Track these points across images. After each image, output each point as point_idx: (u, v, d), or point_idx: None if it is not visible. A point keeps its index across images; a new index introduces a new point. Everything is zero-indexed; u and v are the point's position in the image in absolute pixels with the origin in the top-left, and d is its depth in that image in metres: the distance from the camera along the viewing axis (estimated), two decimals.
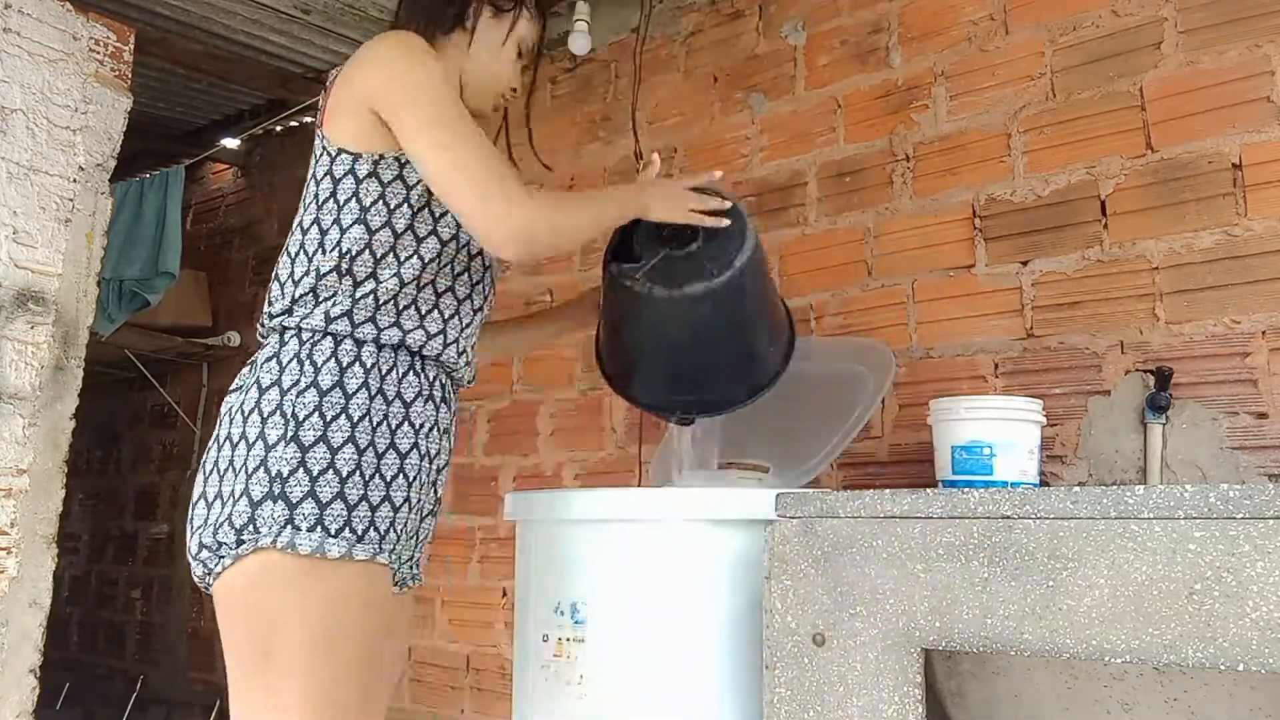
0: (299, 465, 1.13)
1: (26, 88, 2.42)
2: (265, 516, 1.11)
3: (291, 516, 1.11)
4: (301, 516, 1.12)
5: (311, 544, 1.11)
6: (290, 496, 1.12)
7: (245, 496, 1.13)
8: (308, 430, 1.15)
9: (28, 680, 2.28)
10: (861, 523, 1.21)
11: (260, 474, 1.13)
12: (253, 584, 1.13)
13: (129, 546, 4.22)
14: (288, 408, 1.16)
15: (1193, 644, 0.96)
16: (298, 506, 1.12)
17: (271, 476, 1.12)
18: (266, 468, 1.13)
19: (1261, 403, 1.73)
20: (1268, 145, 1.79)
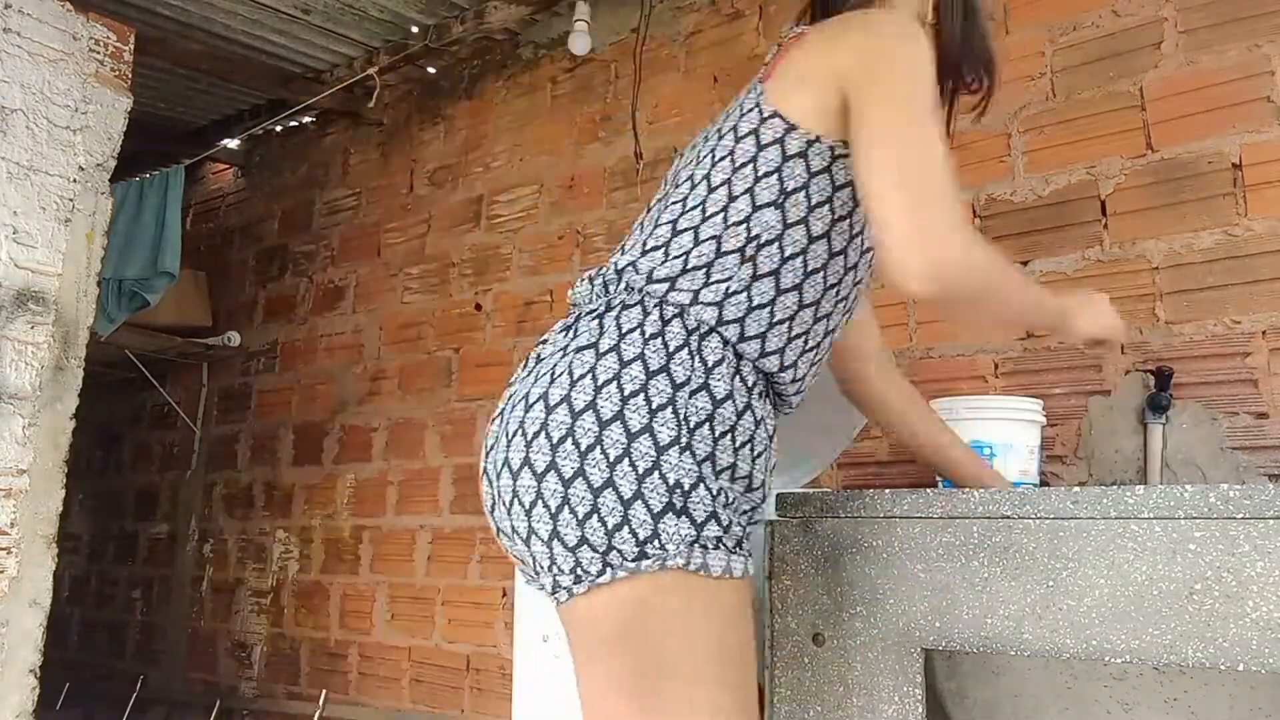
0: (698, 480, 0.98)
1: (26, 88, 2.42)
2: (670, 532, 0.96)
3: (698, 536, 0.97)
4: (708, 535, 0.98)
5: (719, 564, 0.98)
6: (694, 514, 0.97)
7: (641, 502, 0.96)
8: (700, 442, 0.99)
9: (28, 680, 2.28)
10: (861, 523, 1.21)
11: (655, 479, 0.96)
12: (645, 603, 0.97)
13: (129, 546, 4.22)
14: (681, 408, 0.99)
15: (1193, 644, 0.96)
16: (704, 526, 0.98)
17: (670, 486, 0.97)
18: (663, 474, 0.97)
19: (1261, 403, 1.73)
20: (1268, 145, 1.79)
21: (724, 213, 1.07)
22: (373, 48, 3.38)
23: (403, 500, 3.15)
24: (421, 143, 3.45)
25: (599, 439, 0.97)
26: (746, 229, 1.07)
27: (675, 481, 0.97)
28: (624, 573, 0.95)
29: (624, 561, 0.95)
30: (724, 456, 1.01)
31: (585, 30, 2.77)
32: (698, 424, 0.99)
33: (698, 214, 1.09)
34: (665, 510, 0.96)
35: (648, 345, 1.02)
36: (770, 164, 1.07)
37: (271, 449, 3.67)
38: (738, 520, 1.02)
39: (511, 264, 3.04)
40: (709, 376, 1.02)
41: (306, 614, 3.35)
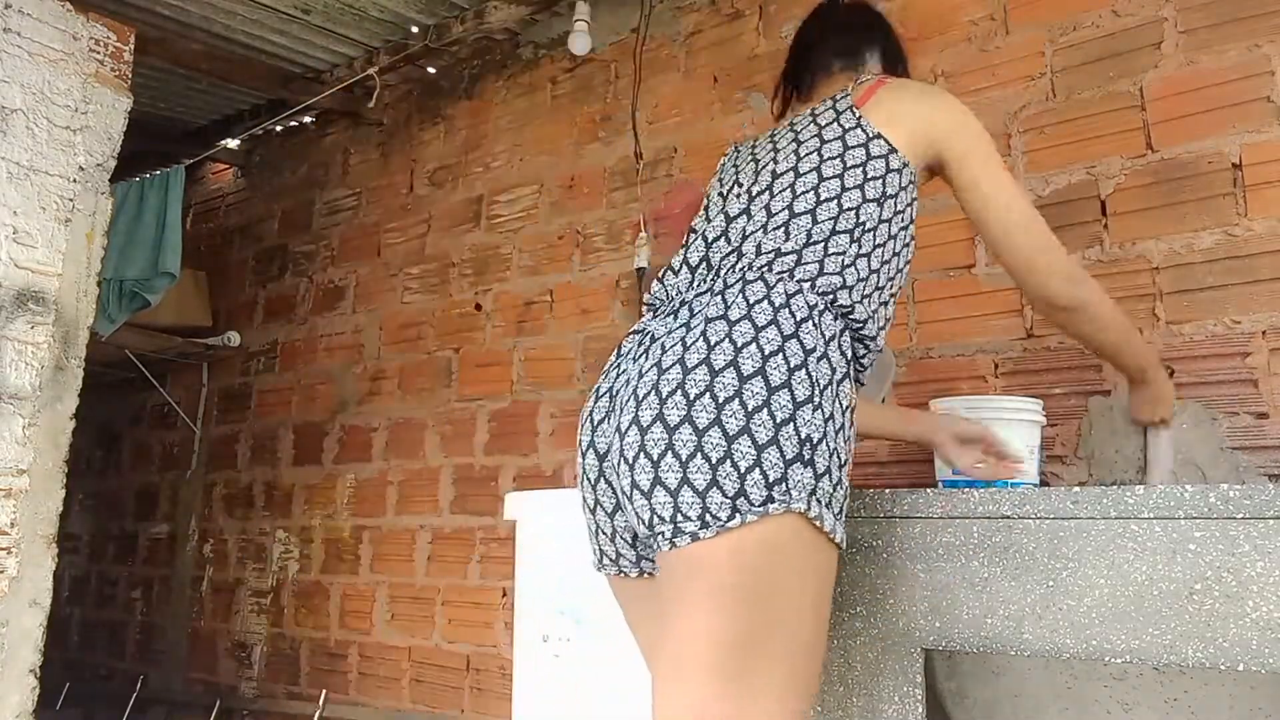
0: (823, 437, 1.06)
1: (26, 88, 2.42)
2: (797, 480, 1.02)
3: (816, 488, 1.04)
4: (823, 490, 1.04)
5: (829, 521, 1.05)
6: (817, 466, 1.04)
7: (776, 448, 1.02)
8: (826, 403, 1.08)
9: (28, 680, 2.28)
10: (861, 523, 1.21)
11: (790, 430, 1.03)
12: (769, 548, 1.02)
13: (129, 546, 4.22)
14: (812, 370, 1.08)
15: (1193, 644, 0.96)
16: (820, 479, 1.04)
17: (802, 438, 1.04)
18: (797, 427, 1.04)
19: (1261, 403, 1.73)
20: (1268, 145, 1.79)
21: (837, 199, 1.23)
22: (373, 48, 3.38)
23: (403, 500, 3.15)
24: (421, 143, 3.45)
25: (739, 392, 1.04)
26: (856, 215, 1.23)
27: (806, 435, 1.04)
28: (753, 516, 1.01)
29: (751, 507, 1.01)
30: (839, 417, 1.10)
31: (585, 30, 2.77)
32: (825, 386, 1.09)
33: (812, 197, 1.24)
34: (796, 459, 1.03)
35: (779, 313, 1.11)
36: (877, 170, 1.26)
37: (271, 449, 3.67)
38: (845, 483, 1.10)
39: (511, 264, 3.04)
40: (828, 347, 1.13)
41: (306, 614, 3.35)
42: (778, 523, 1.02)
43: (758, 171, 1.33)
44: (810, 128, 1.33)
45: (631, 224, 2.73)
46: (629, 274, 2.69)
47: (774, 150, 1.35)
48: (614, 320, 2.72)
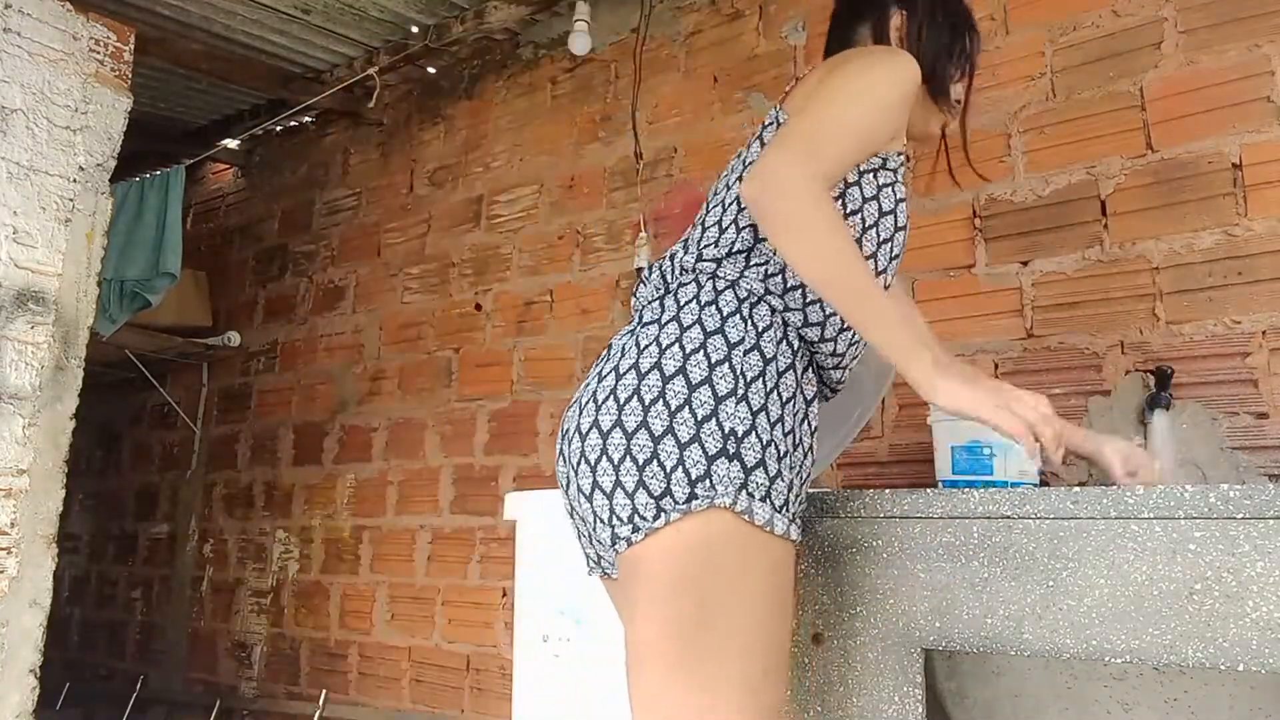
0: (751, 429, 1.05)
1: (26, 88, 2.42)
2: (720, 474, 1.02)
3: (746, 481, 1.03)
4: (755, 484, 1.04)
5: (764, 515, 1.04)
6: (745, 459, 1.04)
7: (698, 444, 1.03)
8: (755, 395, 1.07)
9: (28, 680, 2.28)
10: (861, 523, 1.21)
11: (713, 425, 1.04)
12: (696, 545, 1.03)
13: (129, 546, 4.22)
14: (737, 364, 1.08)
15: (1193, 644, 0.96)
16: (752, 472, 1.04)
17: (725, 432, 1.04)
18: (719, 421, 1.04)
19: (1261, 403, 1.73)
20: (1268, 145, 1.79)
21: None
22: (373, 48, 3.38)
23: (403, 500, 3.15)
24: (421, 143, 3.45)
25: (662, 392, 1.06)
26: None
27: (730, 429, 1.04)
28: (676, 514, 1.02)
29: (675, 505, 1.02)
30: (774, 409, 1.08)
31: (585, 30, 2.77)
32: (753, 378, 1.08)
33: (736, 207, 1.23)
34: (719, 454, 1.03)
35: (704, 310, 1.13)
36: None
37: (271, 449, 3.67)
38: (787, 475, 1.08)
39: (511, 264, 3.04)
40: (760, 338, 1.12)
41: (306, 614, 3.35)
42: (704, 519, 1.02)
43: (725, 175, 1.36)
44: (756, 133, 1.35)
45: (631, 224, 2.73)
46: (629, 274, 2.69)
47: (731, 163, 1.38)
48: (614, 320, 2.72)
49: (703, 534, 1.02)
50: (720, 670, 1.01)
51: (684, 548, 1.03)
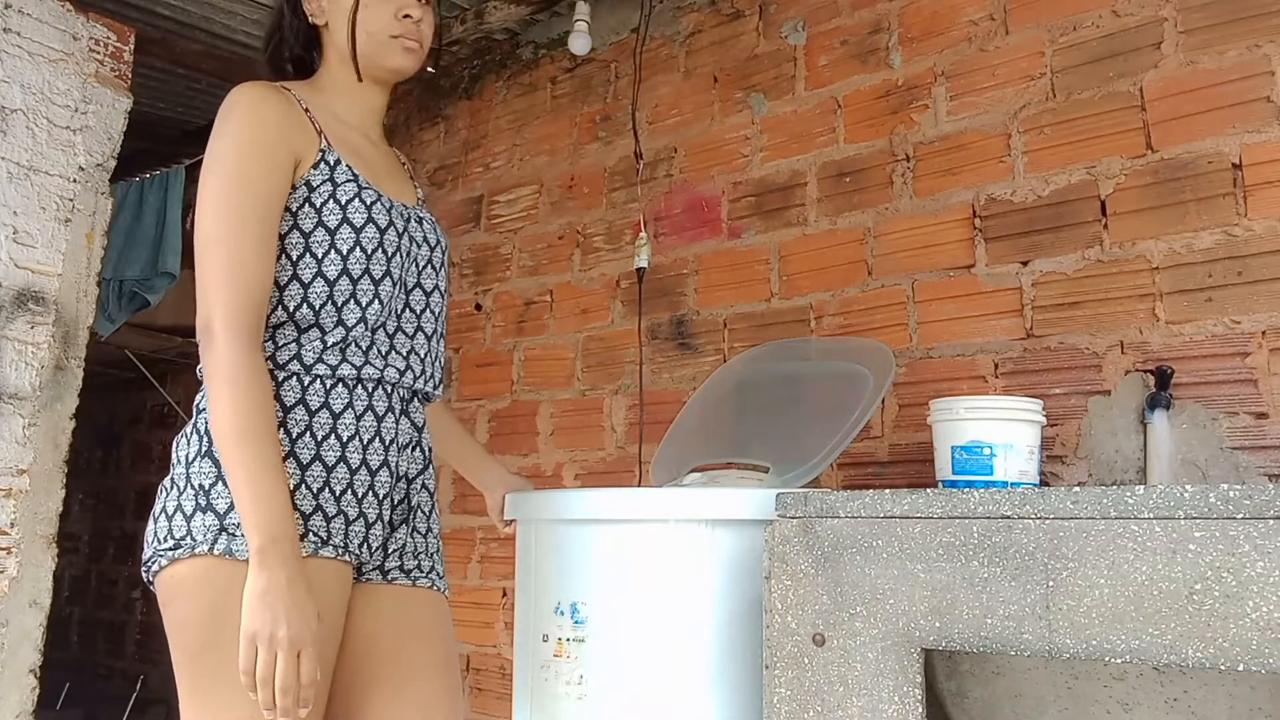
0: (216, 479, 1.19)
1: (26, 88, 2.42)
2: (197, 524, 1.17)
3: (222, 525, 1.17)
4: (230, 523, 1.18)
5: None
6: (216, 507, 1.18)
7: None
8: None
9: (28, 680, 2.28)
10: (861, 523, 1.21)
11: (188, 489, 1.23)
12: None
13: (129, 546, 4.22)
14: (201, 426, 1.25)
15: (1193, 644, 0.96)
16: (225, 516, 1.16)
17: (195, 489, 1.21)
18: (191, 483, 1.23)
19: (1261, 403, 1.73)
20: (1268, 145, 1.79)
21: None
22: None
23: None
24: (421, 143, 3.45)
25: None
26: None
27: (199, 485, 1.18)
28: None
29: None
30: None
31: (585, 30, 2.77)
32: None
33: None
34: (195, 510, 1.17)
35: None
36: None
37: None
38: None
39: (511, 264, 3.04)
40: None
41: None
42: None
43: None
44: None
45: (631, 224, 2.73)
46: (629, 274, 2.70)
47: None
48: (614, 320, 2.72)
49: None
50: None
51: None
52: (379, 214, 1.28)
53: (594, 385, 2.71)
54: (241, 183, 1.20)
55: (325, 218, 1.25)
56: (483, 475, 1.74)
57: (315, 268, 1.24)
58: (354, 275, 1.25)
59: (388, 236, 1.28)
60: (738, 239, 2.50)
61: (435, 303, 1.40)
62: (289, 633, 1.05)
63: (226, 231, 1.17)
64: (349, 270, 1.25)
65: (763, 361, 2.19)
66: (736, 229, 2.51)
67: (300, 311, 1.23)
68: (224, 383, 1.11)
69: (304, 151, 1.27)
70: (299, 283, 1.24)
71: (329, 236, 1.24)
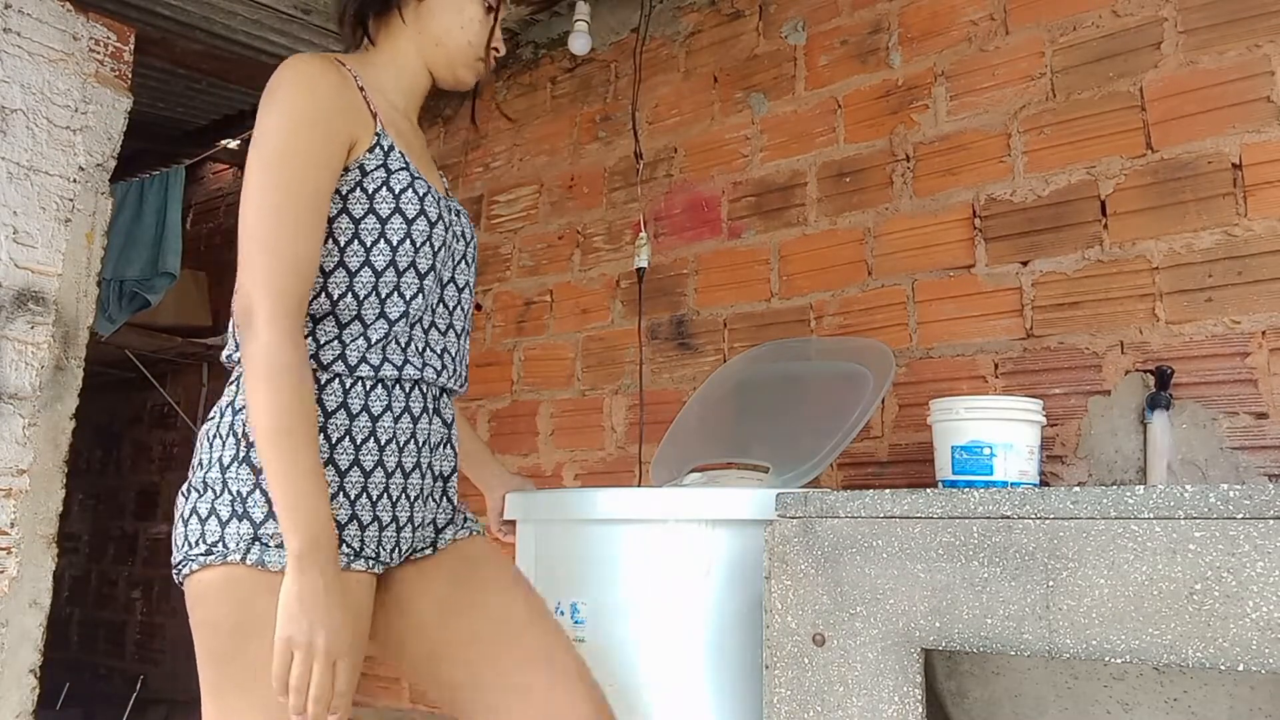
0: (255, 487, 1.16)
1: (26, 88, 2.42)
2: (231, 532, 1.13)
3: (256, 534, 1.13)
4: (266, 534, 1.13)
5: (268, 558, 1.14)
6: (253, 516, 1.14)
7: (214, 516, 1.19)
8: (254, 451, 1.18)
9: (28, 680, 2.28)
10: (861, 523, 1.21)
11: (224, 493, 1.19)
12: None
13: (129, 546, 4.22)
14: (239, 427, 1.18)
15: (1193, 644, 0.96)
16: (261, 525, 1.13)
17: (233, 495, 1.16)
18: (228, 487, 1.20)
19: (1261, 403, 1.73)
20: (1268, 145, 1.79)
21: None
22: None
23: None
24: None
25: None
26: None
27: (237, 491, 1.13)
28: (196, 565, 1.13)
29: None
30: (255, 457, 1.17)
31: (585, 30, 2.77)
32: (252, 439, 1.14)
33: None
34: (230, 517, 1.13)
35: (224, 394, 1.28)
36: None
37: None
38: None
39: (511, 264, 3.04)
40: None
41: None
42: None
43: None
44: None
45: (631, 224, 2.73)
46: (629, 274, 2.70)
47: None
48: (614, 320, 2.72)
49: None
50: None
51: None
52: (430, 206, 1.24)
53: (594, 385, 2.71)
54: (293, 155, 1.13)
55: (377, 205, 1.20)
56: (484, 474, 1.70)
57: (363, 256, 1.19)
58: (400, 268, 1.21)
59: (436, 230, 1.25)
60: (738, 239, 2.50)
61: (465, 299, 1.37)
62: (326, 641, 1.03)
63: (277, 201, 1.11)
64: (396, 262, 1.20)
65: (763, 361, 2.19)
66: (736, 229, 2.51)
67: (344, 301, 1.18)
68: (266, 379, 1.07)
69: (359, 133, 1.21)
70: (345, 270, 1.19)
71: (380, 225, 1.20)
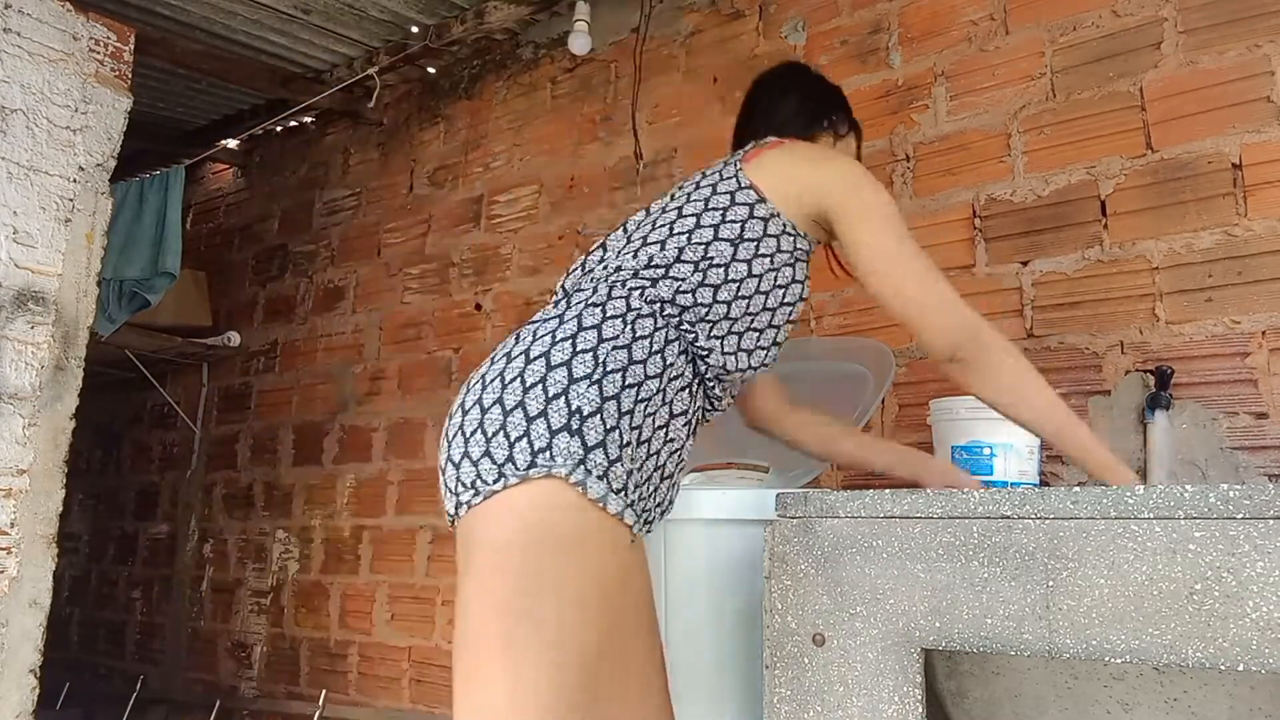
0: (597, 411, 1.13)
1: (26, 88, 2.42)
2: (561, 446, 1.10)
3: (585, 458, 1.10)
4: (594, 462, 1.11)
5: (598, 491, 1.10)
6: (587, 438, 1.11)
7: (543, 419, 1.11)
8: (610, 383, 1.15)
9: (28, 680, 2.28)
10: (861, 523, 1.21)
11: (561, 403, 1.12)
12: (530, 513, 1.09)
13: (129, 546, 4.22)
14: (601, 354, 1.16)
15: (1193, 644, 0.96)
16: (592, 451, 1.11)
17: (571, 410, 1.12)
18: (568, 399, 1.12)
19: (1261, 403, 1.73)
20: (1268, 145, 1.79)
21: (689, 234, 1.32)
22: (373, 48, 3.38)
23: (403, 500, 3.15)
24: (421, 143, 3.45)
25: (521, 373, 1.14)
26: (705, 250, 1.30)
27: (576, 407, 1.11)
28: (515, 479, 1.08)
29: (515, 470, 1.09)
30: (627, 402, 1.15)
31: (585, 30, 2.77)
32: (612, 369, 1.15)
33: (667, 230, 1.34)
34: (562, 429, 1.10)
35: (586, 310, 1.22)
36: (739, 215, 1.33)
37: (271, 449, 3.67)
38: (627, 464, 1.14)
39: (511, 264, 3.04)
40: (634, 341, 1.20)
41: (306, 614, 3.35)
42: (539, 486, 1.08)
43: (645, 214, 1.44)
44: (696, 179, 1.43)
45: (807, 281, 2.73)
46: None
47: (663, 199, 1.46)
48: None
49: (538, 502, 1.08)
50: (537, 656, 1.06)
51: (519, 515, 1.09)
52: (805, 288, 1.46)
53: None
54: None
55: (797, 270, 1.41)
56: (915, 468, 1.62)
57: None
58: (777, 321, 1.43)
59: (799, 304, 1.46)
60: None
61: None
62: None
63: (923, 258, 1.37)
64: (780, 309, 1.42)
65: None
66: None
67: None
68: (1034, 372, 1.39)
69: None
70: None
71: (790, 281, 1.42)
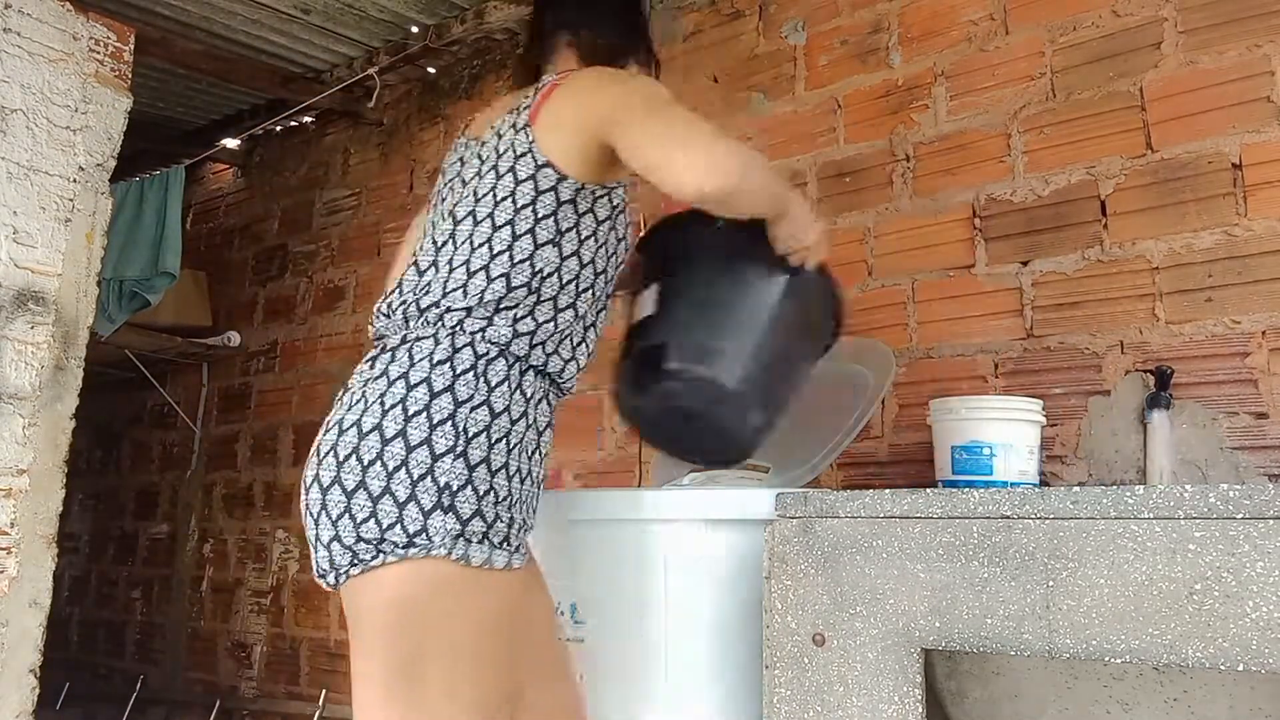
0: (467, 482, 1.15)
1: (26, 88, 2.42)
2: (437, 526, 1.12)
3: (463, 531, 1.14)
4: (472, 530, 1.15)
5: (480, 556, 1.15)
6: (460, 511, 1.14)
7: (414, 503, 1.13)
8: (477, 448, 1.17)
9: (28, 680, 2.28)
10: (861, 523, 1.21)
11: (428, 483, 1.14)
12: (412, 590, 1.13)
13: (129, 546, 4.22)
14: (461, 421, 1.17)
15: (1193, 644, 0.96)
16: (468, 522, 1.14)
17: (440, 488, 1.14)
18: (435, 478, 1.14)
19: (1261, 403, 1.73)
20: (1268, 145, 1.79)
21: (509, 251, 1.26)
22: (373, 48, 3.38)
23: None
24: (421, 142, 3.45)
25: (379, 454, 1.14)
26: (531, 265, 1.26)
27: (445, 484, 1.14)
28: (393, 558, 1.12)
29: (394, 548, 1.12)
30: (498, 459, 1.18)
31: None
32: (474, 434, 1.17)
33: (486, 252, 1.26)
34: (434, 508, 1.13)
35: (434, 370, 1.19)
36: (547, 208, 1.27)
37: (271, 449, 3.66)
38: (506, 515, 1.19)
39: None
40: (490, 394, 1.20)
41: (306, 614, 3.35)
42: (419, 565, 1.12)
43: (452, 209, 1.34)
44: (493, 154, 1.33)
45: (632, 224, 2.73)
46: None
47: (462, 182, 1.37)
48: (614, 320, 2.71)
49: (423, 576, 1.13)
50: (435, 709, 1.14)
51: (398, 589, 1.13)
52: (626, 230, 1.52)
53: (593, 385, 2.70)
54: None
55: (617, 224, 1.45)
56: None
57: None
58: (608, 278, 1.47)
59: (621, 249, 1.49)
60: None
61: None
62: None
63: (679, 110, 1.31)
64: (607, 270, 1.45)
65: None
66: None
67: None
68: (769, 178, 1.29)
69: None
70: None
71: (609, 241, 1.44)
